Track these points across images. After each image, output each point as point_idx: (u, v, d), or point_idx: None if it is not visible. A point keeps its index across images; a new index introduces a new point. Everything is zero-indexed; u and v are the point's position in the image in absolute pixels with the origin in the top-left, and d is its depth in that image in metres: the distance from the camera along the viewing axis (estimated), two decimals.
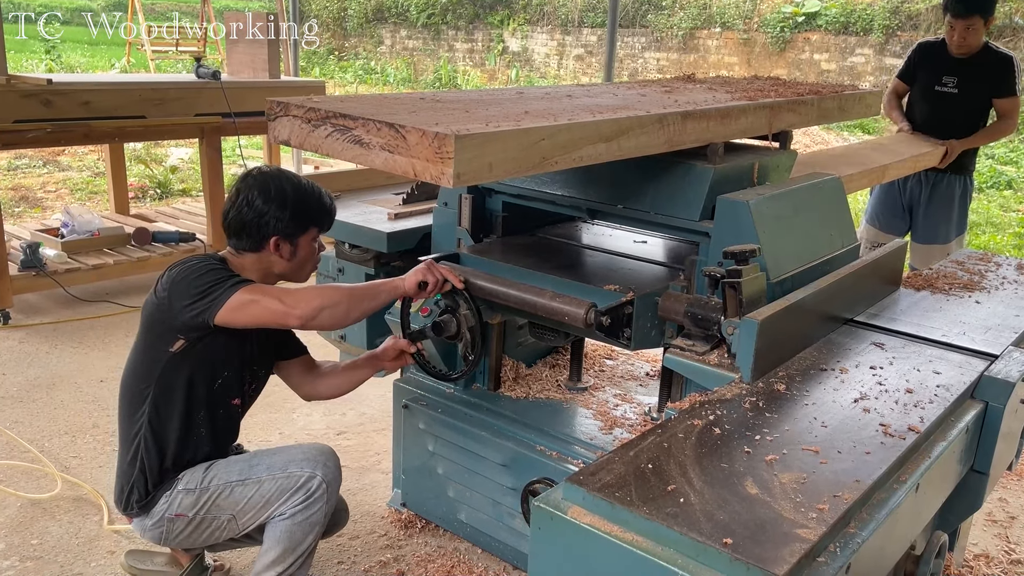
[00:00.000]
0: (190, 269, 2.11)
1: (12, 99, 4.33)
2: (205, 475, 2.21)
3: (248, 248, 2.20)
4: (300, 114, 1.77)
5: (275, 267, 2.25)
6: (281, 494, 2.18)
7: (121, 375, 2.26)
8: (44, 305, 4.88)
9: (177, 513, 2.19)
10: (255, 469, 2.21)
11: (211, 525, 2.22)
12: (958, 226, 4.26)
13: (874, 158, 3.55)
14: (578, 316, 2.05)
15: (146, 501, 2.20)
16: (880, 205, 4.41)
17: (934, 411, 1.66)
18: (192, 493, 2.19)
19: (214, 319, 2.05)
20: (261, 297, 2.07)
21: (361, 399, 3.82)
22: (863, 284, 2.22)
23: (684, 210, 2.13)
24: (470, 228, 2.52)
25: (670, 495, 1.30)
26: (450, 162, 1.50)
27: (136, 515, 2.24)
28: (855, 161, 3.41)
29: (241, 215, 2.16)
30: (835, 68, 13.87)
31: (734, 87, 2.70)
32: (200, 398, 2.20)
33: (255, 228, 2.16)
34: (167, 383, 2.16)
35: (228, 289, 2.06)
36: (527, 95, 2.21)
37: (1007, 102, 4.08)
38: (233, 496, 2.19)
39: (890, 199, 4.36)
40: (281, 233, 2.18)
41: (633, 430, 2.47)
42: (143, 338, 2.20)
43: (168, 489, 2.20)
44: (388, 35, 19.43)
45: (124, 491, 2.23)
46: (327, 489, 2.20)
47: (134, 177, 7.97)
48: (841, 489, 1.35)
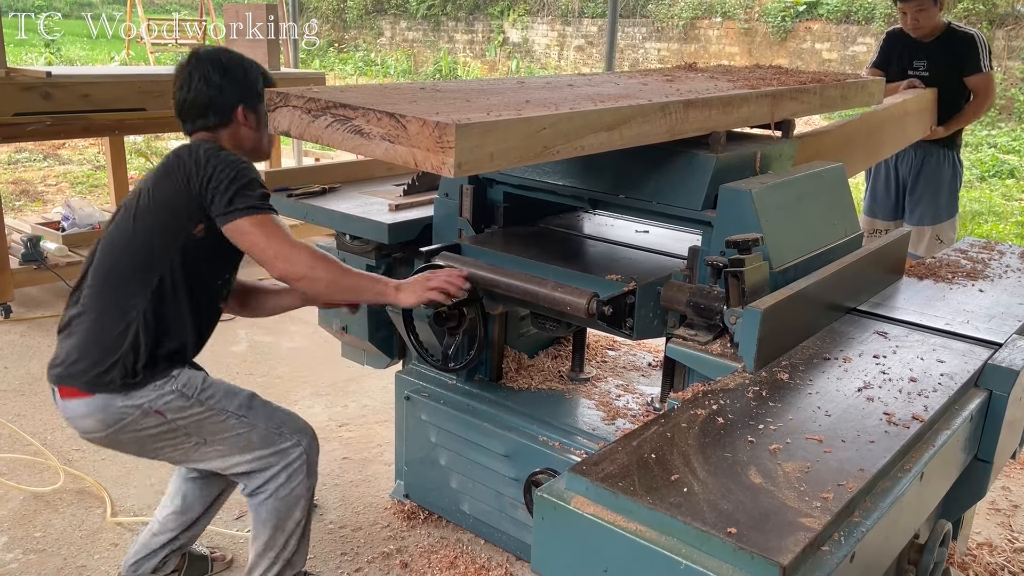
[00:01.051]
0: (225, 161, 2.07)
1: (11, 92, 4.31)
2: (203, 388, 2.13)
3: (217, 124, 2.20)
4: (300, 104, 1.76)
5: (245, 141, 2.24)
6: (263, 446, 2.14)
7: (106, 243, 2.17)
8: (45, 298, 4.88)
9: (157, 409, 2.07)
10: (253, 412, 2.17)
11: (176, 439, 2.13)
12: (948, 208, 4.26)
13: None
14: (580, 306, 2.05)
15: (132, 382, 2.06)
16: (876, 192, 4.42)
17: (938, 400, 1.65)
18: (186, 399, 2.09)
19: (224, 226, 2.05)
20: (268, 233, 2.05)
21: (363, 391, 3.82)
22: (866, 273, 2.21)
23: (686, 199, 2.12)
24: (471, 219, 2.51)
25: (673, 485, 1.30)
26: (451, 151, 1.49)
27: (106, 391, 2.06)
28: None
29: (201, 94, 2.16)
30: (837, 58, 13.82)
31: (736, 76, 2.68)
32: (207, 290, 2.17)
33: (220, 103, 2.17)
34: (183, 264, 2.10)
35: (252, 205, 2.05)
36: (528, 85, 2.20)
37: (977, 79, 4.11)
38: (224, 425, 2.12)
39: (884, 183, 4.37)
40: (245, 102, 2.19)
41: (635, 420, 2.47)
42: (157, 216, 2.10)
43: (160, 379, 2.08)
44: (388, 27, 19.37)
45: (104, 364, 2.06)
46: (306, 461, 2.18)
47: (134, 170, 7.95)
48: (845, 478, 1.34)
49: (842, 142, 3.09)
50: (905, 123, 3.83)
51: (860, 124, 3.31)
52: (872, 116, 3.44)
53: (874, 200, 4.45)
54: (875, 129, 3.49)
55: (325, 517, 2.87)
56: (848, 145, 3.15)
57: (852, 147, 3.21)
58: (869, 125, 3.42)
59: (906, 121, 3.83)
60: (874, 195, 4.45)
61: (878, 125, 3.52)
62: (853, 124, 3.25)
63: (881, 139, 3.58)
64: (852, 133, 3.23)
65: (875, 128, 3.49)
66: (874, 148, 3.55)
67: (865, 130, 3.37)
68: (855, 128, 3.26)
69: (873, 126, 3.46)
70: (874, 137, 3.48)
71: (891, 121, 3.67)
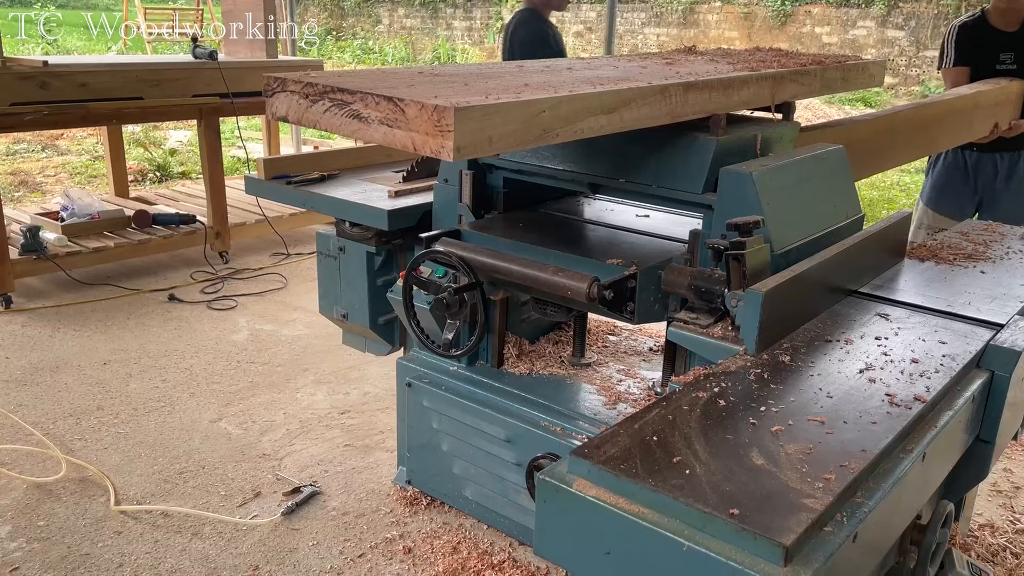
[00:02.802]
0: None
1: (8, 81, 4.30)
2: None
3: None
4: (298, 89, 1.75)
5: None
6: None
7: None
8: (45, 289, 4.88)
9: None
10: None
11: None
12: None
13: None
14: (581, 290, 2.04)
15: None
16: (943, 185, 4.04)
17: (940, 380, 1.65)
18: None
19: None
20: None
21: (365, 378, 3.83)
22: (868, 255, 2.20)
23: (687, 182, 2.11)
24: (471, 204, 2.50)
25: (675, 467, 1.30)
26: (450, 135, 1.48)
27: None
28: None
29: None
30: (837, 41, 13.76)
31: (736, 58, 2.67)
32: None
33: None
34: None
35: None
36: (527, 68, 2.19)
37: None
38: None
39: (956, 178, 4.01)
40: None
41: (637, 405, 2.47)
42: None
43: None
44: (386, 14, 19.28)
45: None
46: None
47: (133, 160, 7.94)
48: (847, 459, 1.34)
49: (883, 131, 2.95)
50: (973, 117, 3.56)
51: (911, 115, 3.13)
52: (926, 107, 3.24)
53: (940, 193, 4.06)
54: (930, 121, 3.29)
55: (328, 504, 2.88)
56: (890, 135, 3.01)
57: (895, 138, 3.05)
58: (922, 116, 3.24)
59: (974, 115, 3.56)
60: (941, 188, 4.06)
61: (935, 117, 3.33)
62: (903, 115, 3.08)
63: (935, 131, 3.35)
64: (898, 124, 3.08)
65: (930, 120, 3.29)
66: (928, 140, 3.33)
67: (917, 121, 3.19)
68: (905, 119, 3.10)
69: (927, 118, 3.27)
70: (928, 130, 3.27)
71: (953, 114, 3.43)
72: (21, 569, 2.52)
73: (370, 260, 2.72)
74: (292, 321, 4.52)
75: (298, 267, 5.41)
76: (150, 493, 2.91)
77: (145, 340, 4.20)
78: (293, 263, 5.49)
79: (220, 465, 3.10)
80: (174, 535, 2.69)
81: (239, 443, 3.26)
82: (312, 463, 3.13)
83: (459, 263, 2.27)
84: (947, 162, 4.02)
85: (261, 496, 2.91)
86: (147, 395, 3.63)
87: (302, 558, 2.60)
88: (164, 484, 2.97)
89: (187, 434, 3.32)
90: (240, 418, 3.46)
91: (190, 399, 3.61)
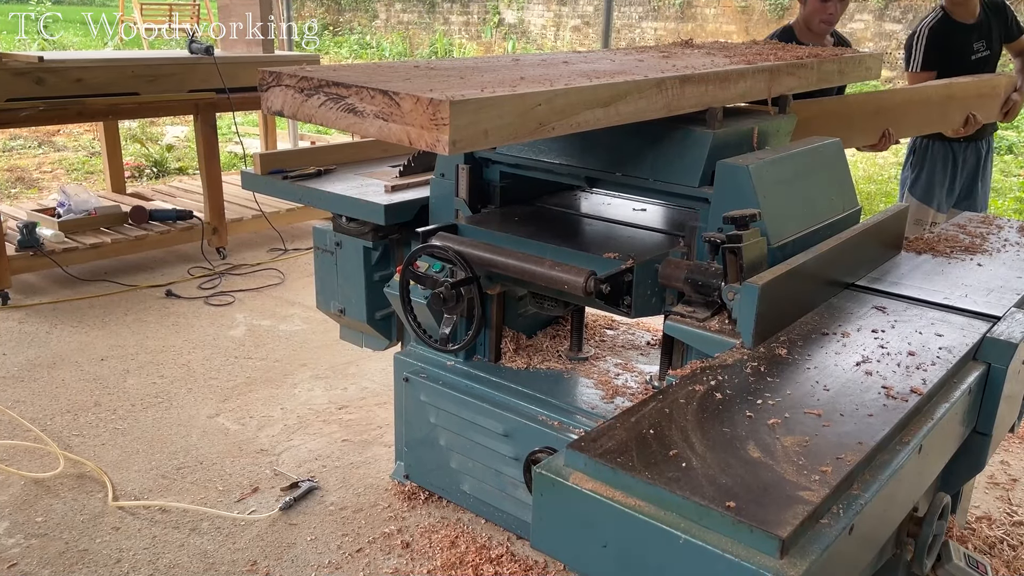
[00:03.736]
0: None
1: (4, 77, 4.28)
2: None
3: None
4: (293, 83, 1.74)
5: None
6: None
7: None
8: (42, 285, 4.87)
9: None
10: None
11: None
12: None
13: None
14: (578, 284, 2.04)
15: None
16: (933, 178, 4.04)
17: (936, 373, 1.65)
18: None
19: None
20: None
21: (362, 373, 3.83)
22: (864, 248, 2.20)
23: (683, 176, 2.10)
24: (468, 199, 2.50)
25: (672, 460, 1.30)
26: (445, 129, 1.48)
27: None
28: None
29: None
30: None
31: (733, 52, 2.66)
32: None
33: None
34: None
35: None
36: (523, 62, 2.18)
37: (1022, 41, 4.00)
38: None
39: (945, 171, 4.02)
40: None
41: (634, 398, 2.47)
42: None
43: None
44: (383, 9, 19.22)
45: None
46: None
47: (130, 156, 7.93)
48: (844, 451, 1.34)
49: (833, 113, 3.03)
50: (947, 107, 3.60)
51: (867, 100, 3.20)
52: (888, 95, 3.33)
53: (932, 187, 4.06)
54: (887, 108, 3.33)
55: (326, 499, 2.88)
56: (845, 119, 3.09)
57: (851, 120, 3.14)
58: (880, 102, 3.31)
59: (948, 106, 3.60)
60: (932, 181, 4.05)
61: (894, 104, 3.38)
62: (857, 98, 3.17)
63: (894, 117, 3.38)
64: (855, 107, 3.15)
65: (887, 107, 3.33)
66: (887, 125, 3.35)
67: (873, 106, 3.26)
68: (860, 102, 3.17)
69: (884, 104, 3.33)
70: (885, 115, 3.31)
71: (920, 103, 3.49)
72: (19, 565, 2.52)
73: (367, 255, 2.72)
74: (289, 316, 4.52)
75: (295, 262, 5.41)
76: (148, 489, 2.91)
77: (142, 336, 4.20)
78: (290, 258, 5.48)
79: (218, 460, 3.10)
80: (172, 530, 2.69)
81: (237, 438, 3.26)
82: (310, 458, 3.13)
83: (456, 258, 2.27)
84: (926, 152, 4.09)
85: (259, 491, 2.91)
86: (144, 391, 3.63)
87: (300, 553, 2.60)
88: (162, 480, 2.97)
89: (185, 430, 3.32)
90: (238, 413, 3.46)
91: (188, 395, 3.61)
